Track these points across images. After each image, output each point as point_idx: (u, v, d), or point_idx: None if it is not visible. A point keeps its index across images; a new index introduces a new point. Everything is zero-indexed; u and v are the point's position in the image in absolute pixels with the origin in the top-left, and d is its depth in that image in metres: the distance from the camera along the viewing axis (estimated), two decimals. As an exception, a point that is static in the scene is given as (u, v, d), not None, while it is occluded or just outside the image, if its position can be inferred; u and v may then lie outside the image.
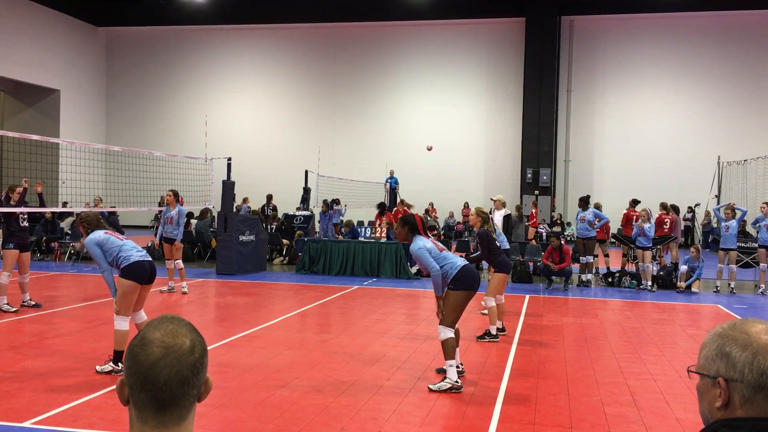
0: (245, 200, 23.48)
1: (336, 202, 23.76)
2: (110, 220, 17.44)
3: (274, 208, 23.99)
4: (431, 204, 27.89)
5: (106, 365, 6.71)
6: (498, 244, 9.01)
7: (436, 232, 23.06)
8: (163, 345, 1.48)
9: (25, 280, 10.44)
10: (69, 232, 18.87)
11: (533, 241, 16.98)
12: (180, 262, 12.37)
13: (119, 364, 6.61)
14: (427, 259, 6.41)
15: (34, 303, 10.46)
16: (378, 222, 17.94)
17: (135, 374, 1.48)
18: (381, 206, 19.07)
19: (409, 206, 18.39)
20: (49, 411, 5.50)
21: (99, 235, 6.82)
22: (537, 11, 28.48)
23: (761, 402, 1.46)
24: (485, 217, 8.98)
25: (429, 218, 23.98)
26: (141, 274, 6.66)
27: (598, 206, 15.90)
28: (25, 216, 10.57)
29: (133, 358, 1.49)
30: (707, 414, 1.55)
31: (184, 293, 12.18)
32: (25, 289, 10.43)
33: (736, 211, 14.48)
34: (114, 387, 6.09)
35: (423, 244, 6.53)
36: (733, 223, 14.29)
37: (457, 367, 6.43)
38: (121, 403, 1.53)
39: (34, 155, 15.45)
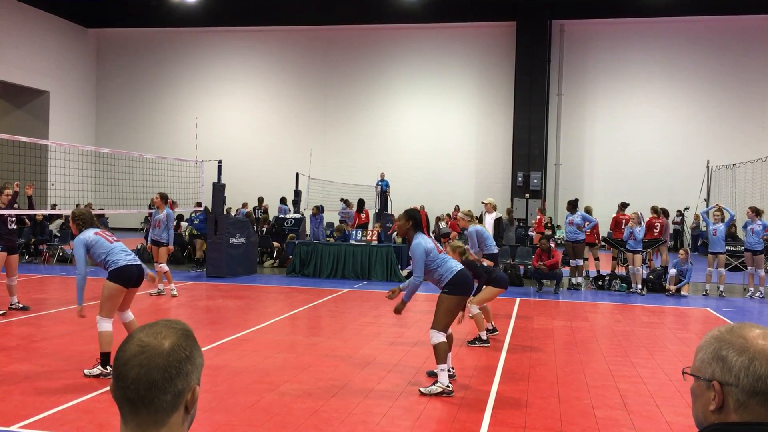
0: (244, 205, 23.59)
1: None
2: (100, 222, 17.34)
3: (265, 211, 23.96)
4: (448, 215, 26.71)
5: (95, 368, 6.67)
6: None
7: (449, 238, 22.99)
8: (139, 344, 1.46)
9: (13, 283, 10.37)
10: (58, 234, 18.76)
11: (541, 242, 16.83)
12: (164, 265, 12.25)
13: (107, 366, 6.58)
14: (419, 264, 6.36)
15: (22, 306, 10.38)
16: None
17: (114, 370, 1.48)
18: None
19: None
20: (37, 414, 5.46)
21: (89, 235, 6.68)
22: (528, 15, 28.57)
23: (756, 407, 1.46)
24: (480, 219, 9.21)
25: (444, 226, 23.83)
26: (128, 278, 6.63)
27: (588, 210, 15.97)
28: (14, 218, 10.49)
29: (116, 354, 1.50)
30: (701, 417, 1.55)
31: (174, 296, 12.13)
32: (13, 291, 10.36)
33: (725, 212, 14.57)
34: (104, 390, 6.07)
35: (424, 243, 6.41)
36: (721, 226, 14.36)
37: (449, 371, 6.41)
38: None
39: (22, 157, 15.32)
